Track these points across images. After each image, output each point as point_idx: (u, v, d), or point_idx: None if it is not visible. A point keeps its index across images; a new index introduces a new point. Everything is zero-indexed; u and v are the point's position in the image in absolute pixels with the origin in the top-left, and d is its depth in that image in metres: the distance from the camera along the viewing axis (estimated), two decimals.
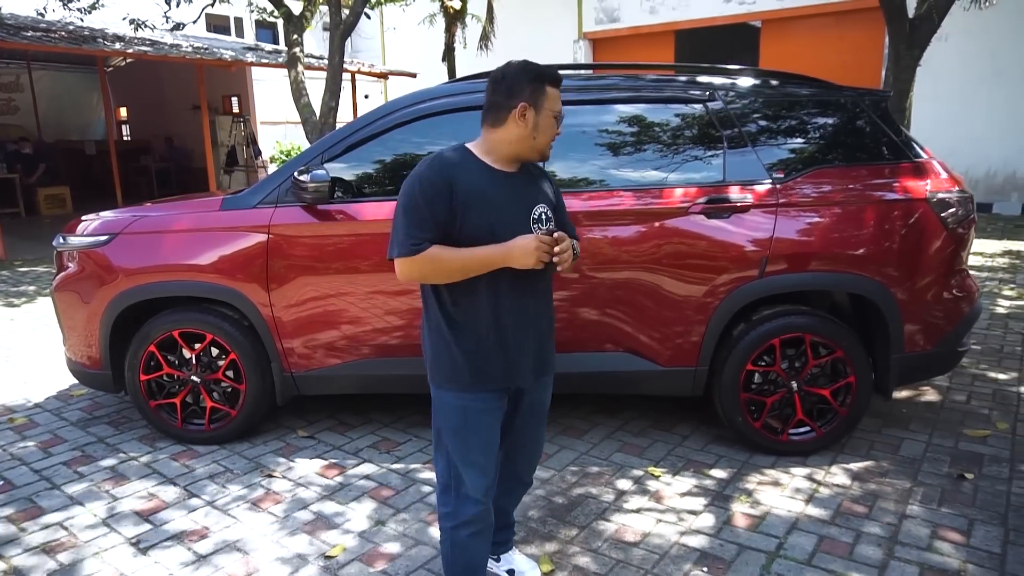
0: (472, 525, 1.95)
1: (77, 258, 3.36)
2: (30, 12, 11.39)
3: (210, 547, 2.53)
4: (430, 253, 1.78)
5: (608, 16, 13.28)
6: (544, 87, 1.88)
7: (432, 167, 1.82)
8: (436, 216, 1.79)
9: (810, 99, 3.24)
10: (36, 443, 3.42)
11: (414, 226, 1.78)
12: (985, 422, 3.41)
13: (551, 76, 1.91)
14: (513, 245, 1.80)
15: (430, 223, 1.79)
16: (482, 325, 1.88)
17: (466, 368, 1.88)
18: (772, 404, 3.08)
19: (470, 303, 1.87)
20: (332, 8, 8.80)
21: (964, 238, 3.08)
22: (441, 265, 1.80)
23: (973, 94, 10.12)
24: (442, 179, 1.80)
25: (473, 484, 1.93)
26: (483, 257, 1.81)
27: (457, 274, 1.82)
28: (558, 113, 1.91)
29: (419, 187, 1.80)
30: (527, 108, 1.86)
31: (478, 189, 1.83)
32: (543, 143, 1.91)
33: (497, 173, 1.89)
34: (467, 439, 1.92)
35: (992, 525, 2.56)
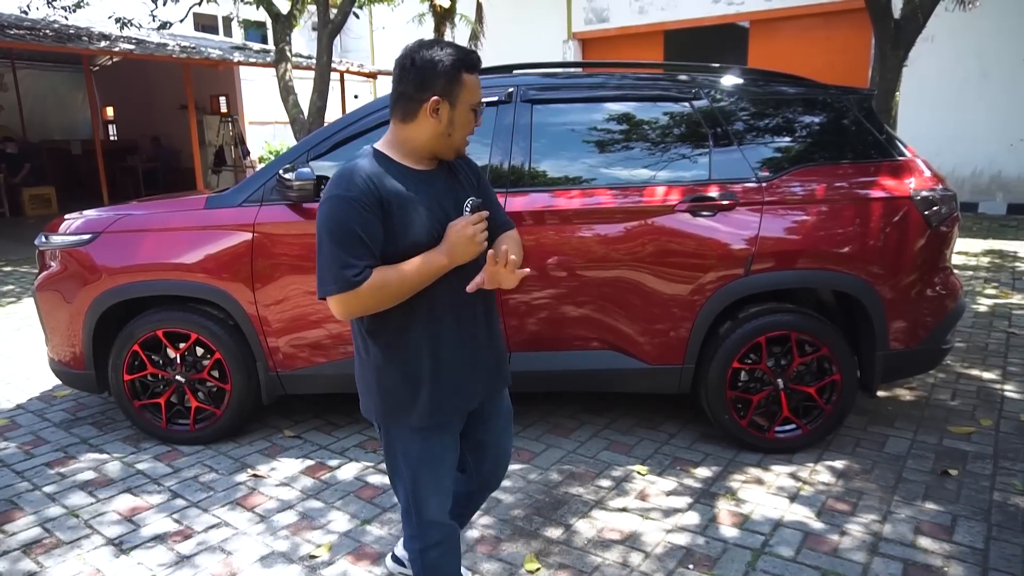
0: (439, 546, 1.86)
1: (60, 257, 3.33)
2: (13, 10, 11.28)
3: (193, 547, 2.50)
4: (375, 280, 1.56)
5: (597, 16, 13.30)
6: (460, 75, 1.63)
7: (353, 183, 1.57)
8: (372, 238, 1.57)
9: (796, 98, 3.25)
10: (18, 444, 3.39)
11: (349, 254, 1.55)
12: (969, 419, 3.44)
13: (468, 62, 1.65)
14: (449, 242, 1.63)
15: (369, 248, 1.57)
16: (432, 346, 1.69)
17: (419, 400, 1.69)
18: (758, 402, 3.09)
19: (419, 323, 1.67)
20: (320, 7, 8.77)
21: (947, 236, 3.10)
22: (390, 290, 1.58)
23: (958, 94, 10.21)
24: (368, 195, 1.57)
25: (436, 509, 1.82)
26: (428, 265, 1.61)
27: (405, 294, 1.61)
28: (477, 104, 1.68)
29: (346, 209, 1.55)
30: (440, 102, 1.63)
31: (407, 197, 1.62)
32: (459, 140, 1.70)
33: (418, 174, 1.68)
34: (428, 470, 1.77)
35: (975, 521, 2.57)
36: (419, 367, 1.69)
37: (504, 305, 3.07)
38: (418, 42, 1.67)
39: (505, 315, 3.09)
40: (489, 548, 2.47)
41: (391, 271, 1.59)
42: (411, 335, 1.68)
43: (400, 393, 1.70)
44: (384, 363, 1.70)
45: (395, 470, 1.81)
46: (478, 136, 3.14)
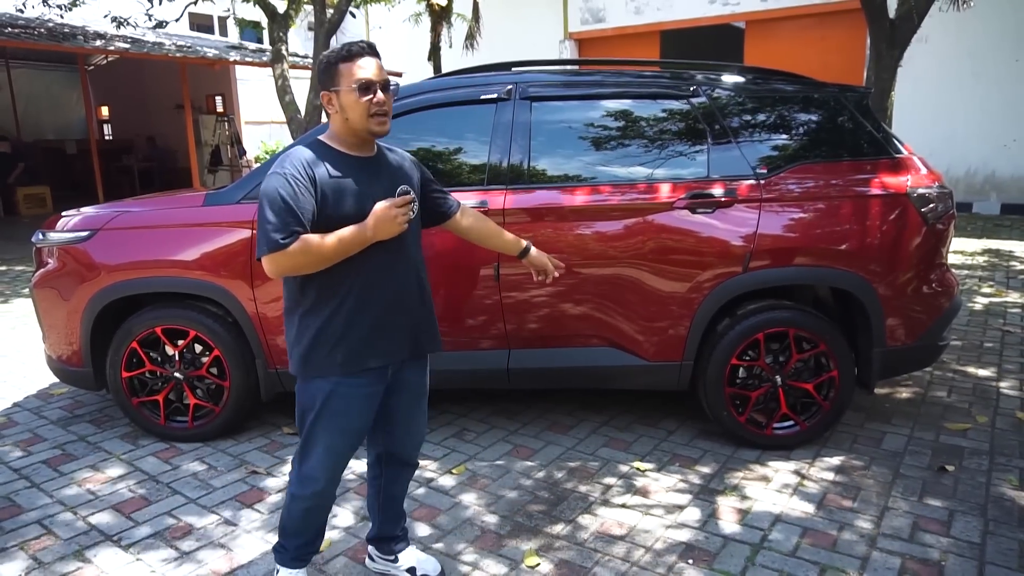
0: (307, 501, 2.02)
1: (57, 254, 3.32)
2: (8, 9, 11.23)
3: (193, 544, 2.50)
4: (302, 243, 1.79)
5: (593, 16, 13.31)
6: (336, 67, 1.88)
7: (291, 163, 1.84)
8: (303, 210, 1.80)
9: (793, 95, 3.27)
10: (15, 442, 3.37)
11: (282, 221, 1.78)
12: (965, 416, 3.45)
13: (342, 55, 1.89)
14: (374, 218, 1.84)
15: (298, 217, 1.79)
16: (348, 308, 1.90)
17: (336, 351, 1.90)
18: (757, 398, 3.10)
19: (336, 287, 1.90)
20: (317, 7, 8.76)
21: (944, 233, 3.12)
22: (314, 253, 1.81)
23: (952, 94, 10.25)
24: (303, 173, 1.82)
25: (319, 465, 1.98)
26: (351, 237, 1.83)
27: (330, 259, 1.84)
28: (362, 82, 1.86)
29: (281, 184, 1.80)
30: (328, 95, 1.90)
31: (339, 178, 1.87)
32: (356, 119, 1.88)
33: (356, 160, 1.93)
34: (327, 422, 1.95)
35: (972, 516, 2.59)
36: (336, 322, 1.90)
37: (504, 303, 3.08)
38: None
39: (505, 312, 3.09)
40: (490, 544, 2.48)
41: (317, 238, 1.81)
42: (334, 294, 1.90)
43: (316, 345, 1.91)
44: (307, 317, 1.93)
45: (300, 416, 1.99)
46: (477, 133, 3.19)
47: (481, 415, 3.57)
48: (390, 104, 1.93)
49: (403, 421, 2.15)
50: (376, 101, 1.87)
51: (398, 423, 2.15)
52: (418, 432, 2.22)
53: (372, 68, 1.88)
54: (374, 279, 1.93)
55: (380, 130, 1.91)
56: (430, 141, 3.28)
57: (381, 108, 1.89)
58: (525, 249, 2.38)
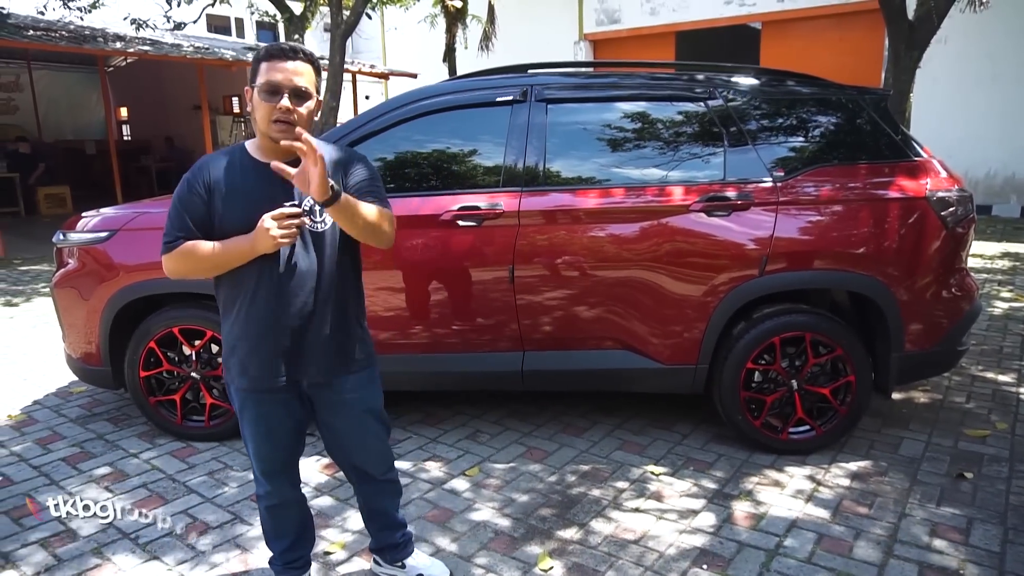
0: (264, 500, 2.07)
1: (77, 254, 3.36)
2: (30, 11, 11.39)
3: (209, 544, 2.52)
4: (182, 249, 1.81)
5: (609, 17, 13.29)
6: (258, 64, 1.80)
7: (193, 169, 1.86)
8: (191, 215, 1.81)
9: (810, 98, 3.25)
10: (35, 440, 3.42)
11: (172, 224, 1.82)
12: (985, 422, 3.41)
13: (264, 52, 1.81)
14: (255, 230, 1.76)
15: (185, 222, 1.81)
16: (243, 320, 1.87)
17: (234, 364, 1.91)
18: (772, 403, 3.08)
19: (234, 297, 1.88)
20: (333, 8, 8.82)
21: (964, 237, 3.09)
22: (194, 260, 1.81)
23: (972, 96, 10.14)
24: (198, 179, 1.83)
25: (255, 468, 2.04)
26: (231, 249, 1.79)
27: (212, 269, 1.84)
28: (267, 84, 1.75)
29: (180, 188, 1.84)
30: (249, 91, 1.82)
31: (235, 186, 1.82)
32: (260, 121, 1.79)
33: (261, 167, 1.81)
34: (248, 429, 1.98)
35: (991, 524, 2.55)
36: (234, 336, 1.90)
37: (518, 304, 3.08)
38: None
39: (519, 314, 3.09)
40: (503, 547, 2.48)
41: (199, 245, 1.81)
42: (234, 307, 1.89)
43: (226, 355, 1.94)
44: (222, 326, 1.95)
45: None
46: (492, 135, 3.19)
47: (495, 417, 3.57)
48: (301, 113, 1.77)
49: (349, 439, 2.07)
50: (280, 107, 1.74)
51: (345, 441, 2.07)
52: (374, 449, 2.11)
53: (286, 72, 1.76)
54: (261, 295, 1.84)
55: (279, 137, 1.76)
56: (445, 143, 3.29)
57: (285, 116, 1.75)
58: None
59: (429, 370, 3.22)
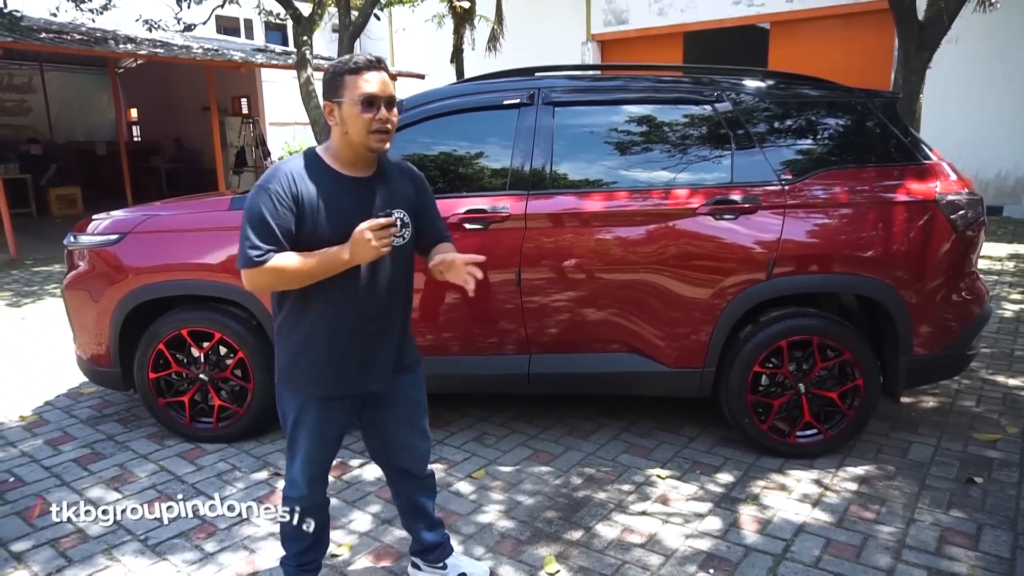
0: (298, 503, 2.05)
1: (88, 257, 3.39)
2: (42, 13, 11.48)
3: (217, 545, 2.54)
4: (274, 263, 1.77)
5: (616, 18, 13.27)
6: (341, 78, 1.82)
7: (276, 178, 1.79)
8: (281, 228, 1.77)
9: (819, 100, 3.23)
10: (46, 440, 3.45)
11: (258, 237, 1.76)
12: (995, 426, 3.39)
13: (348, 67, 1.82)
14: (352, 241, 1.77)
15: (275, 235, 1.77)
16: (322, 328, 1.88)
17: (301, 371, 1.91)
18: (779, 406, 3.07)
19: (307, 307, 1.87)
20: (341, 9, 8.84)
21: (974, 240, 3.07)
22: (285, 274, 1.79)
23: (983, 96, 10.06)
24: (286, 191, 1.78)
25: (297, 472, 2.01)
26: (326, 261, 1.79)
27: (304, 280, 1.81)
28: (365, 96, 1.79)
29: (263, 199, 1.77)
30: (331, 107, 1.84)
31: (324, 198, 1.81)
32: (355, 134, 1.81)
33: (346, 179, 1.86)
34: (300, 436, 1.97)
35: (1001, 530, 2.54)
36: (311, 346, 1.89)
37: (524, 307, 3.08)
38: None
39: (525, 317, 3.10)
40: (509, 549, 2.48)
41: (292, 258, 1.78)
42: (310, 316, 1.88)
43: (292, 363, 1.93)
44: (286, 334, 1.93)
45: (282, 422, 2.02)
46: (499, 138, 3.20)
47: (501, 419, 3.58)
48: (394, 122, 1.85)
49: (398, 438, 2.11)
50: (379, 118, 1.80)
51: (393, 440, 2.12)
52: (420, 447, 2.17)
53: (377, 83, 1.81)
54: (345, 304, 1.87)
55: (379, 147, 1.83)
56: (452, 146, 3.30)
57: (383, 125, 1.81)
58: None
59: (436, 372, 3.22)
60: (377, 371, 1.97)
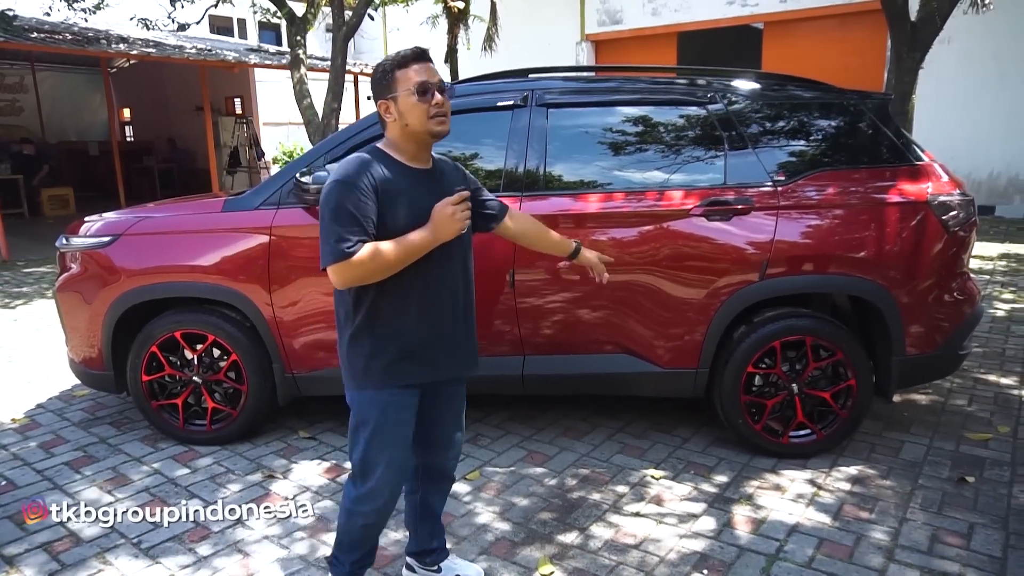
0: (368, 517, 2.02)
1: (80, 259, 3.37)
2: (35, 13, 11.42)
3: (211, 548, 2.53)
4: (366, 252, 1.78)
5: (611, 18, 13.29)
6: (392, 75, 1.88)
7: (355, 170, 1.82)
8: (366, 218, 1.80)
9: (811, 102, 3.24)
10: (38, 443, 3.43)
11: (346, 230, 1.77)
12: (986, 426, 3.41)
13: (399, 61, 1.88)
14: (433, 221, 1.84)
15: (362, 225, 1.79)
16: (403, 319, 1.91)
17: (383, 364, 1.91)
18: (773, 406, 3.08)
19: (393, 298, 1.89)
20: (335, 9, 8.82)
21: (965, 241, 3.08)
22: (380, 261, 1.79)
23: (976, 96, 10.11)
24: (366, 182, 1.81)
25: (384, 481, 1.97)
26: (411, 243, 1.83)
27: (393, 267, 1.82)
28: (419, 85, 1.85)
29: (345, 192, 1.79)
30: (386, 104, 1.89)
31: (399, 189, 1.86)
32: (416, 124, 1.87)
33: (413, 171, 1.92)
34: (381, 436, 1.95)
35: (993, 529, 2.55)
36: (389, 334, 1.91)
37: (519, 308, 3.08)
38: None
39: (520, 318, 3.10)
40: (504, 551, 2.48)
41: (381, 245, 1.80)
42: (387, 305, 1.90)
43: (369, 357, 1.92)
44: (361, 329, 1.92)
45: (354, 432, 1.98)
46: (493, 140, 3.20)
47: (496, 420, 3.58)
48: (448, 105, 1.90)
49: (443, 434, 2.15)
50: (435, 103, 1.86)
51: (439, 436, 2.15)
52: (458, 444, 2.22)
53: (426, 71, 1.88)
54: (429, 290, 1.93)
55: (441, 130, 1.89)
56: (447, 147, 3.28)
57: (440, 109, 1.87)
58: (576, 250, 2.36)
59: None
60: (451, 354, 2.01)
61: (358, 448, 1.97)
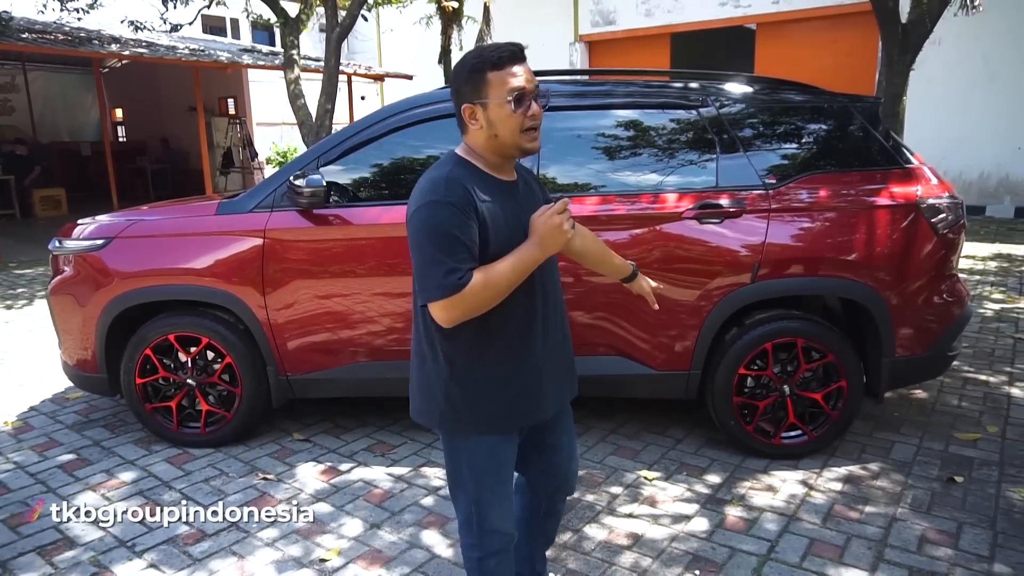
0: (500, 555, 1.84)
1: (73, 262, 3.37)
2: (28, 12, 11.36)
3: (205, 550, 2.54)
4: (477, 280, 1.53)
5: (604, 19, 13.32)
6: (484, 76, 1.59)
7: (450, 189, 1.57)
8: (470, 241, 1.55)
9: (802, 105, 3.27)
10: (31, 447, 3.43)
11: (451, 258, 1.52)
12: (975, 425, 3.44)
13: (491, 60, 1.59)
14: (538, 234, 1.60)
15: (470, 251, 1.55)
16: (511, 354, 1.69)
17: (491, 407, 1.69)
18: (764, 408, 3.11)
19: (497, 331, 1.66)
20: (328, 10, 8.82)
21: (954, 243, 3.11)
22: (491, 289, 1.55)
23: (966, 97, 10.18)
24: (464, 200, 1.56)
25: (498, 517, 1.79)
26: (521, 259, 1.58)
27: (504, 292, 1.59)
28: (517, 91, 1.58)
29: (443, 214, 1.54)
30: (472, 108, 1.62)
31: (494, 205, 1.62)
32: (507, 136, 1.61)
33: (502, 184, 1.68)
34: (493, 479, 1.76)
35: (981, 528, 2.58)
36: (494, 372, 1.68)
37: None
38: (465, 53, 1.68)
39: None
40: None
41: (490, 270, 1.57)
42: (486, 340, 1.66)
43: (471, 399, 1.69)
44: (457, 368, 1.68)
45: (457, 479, 1.79)
46: None
47: None
48: (541, 117, 1.65)
49: (566, 453, 1.97)
50: (531, 114, 1.60)
51: (561, 457, 1.95)
52: (576, 460, 2.03)
53: (524, 76, 1.60)
54: (527, 321, 1.69)
55: (532, 147, 1.64)
56: (440, 150, 3.29)
57: (534, 122, 1.62)
58: (632, 274, 2.09)
59: None
60: (557, 382, 1.81)
61: (463, 494, 1.79)
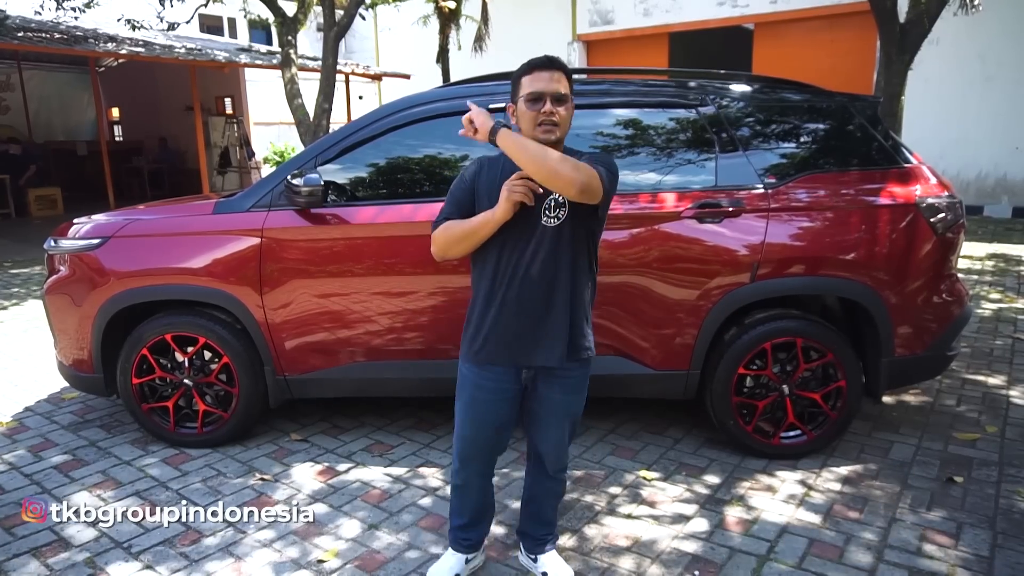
0: (453, 478, 2.25)
1: (68, 261, 3.35)
2: (25, 11, 11.32)
3: (202, 551, 2.52)
4: (442, 227, 2.05)
5: (602, 18, 13.31)
6: (519, 80, 2.01)
7: (472, 166, 2.09)
8: (459, 202, 2.06)
9: (801, 105, 3.26)
10: (27, 447, 3.41)
11: (445, 209, 2.07)
12: (974, 426, 3.44)
13: (525, 67, 2.01)
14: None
15: (453, 206, 2.06)
16: (482, 301, 2.07)
17: (472, 340, 2.09)
18: (763, 408, 3.10)
19: (478, 280, 2.09)
20: (326, 9, 8.80)
21: (953, 243, 3.11)
22: (449, 233, 2.03)
23: (964, 97, 10.20)
24: (470, 173, 2.07)
25: (455, 448, 2.19)
26: (479, 219, 1.99)
27: (462, 238, 2.01)
28: (530, 94, 1.96)
29: (457, 181, 2.09)
30: (512, 108, 2.05)
31: (496, 183, 1.98)
32: (526, 129, 1.98)
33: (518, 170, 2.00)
34: (462, 409, 2.14)
35: (981, 529, 2.58)
36: (475, 313, 2.10)
37: None
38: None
39: None
40: (497, 553, 2.49)
41: (454, 223, 2.04)
42: (477, 287, 2.11)
43: (464, 331, 2.13)
44: (472, 299, 2.14)
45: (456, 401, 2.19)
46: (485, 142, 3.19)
47: None
48: (562, 115, 1.97)
49: (538, 430, 2.20)
50: (544, 111, 1.95)
51: (536, 431, 2.21)
52: (553, 445, 2.21)
53: (544, 80, 1.96)
54: (503, 277, 2.03)
55: (545, 138, 1.96)
56: (438, 149, 3.29)
57: (548, 118, 1.95)
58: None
59: (423, 376, 3.22)
60: (541, 347, 2.05)
61: (456, 416, 2.17)
